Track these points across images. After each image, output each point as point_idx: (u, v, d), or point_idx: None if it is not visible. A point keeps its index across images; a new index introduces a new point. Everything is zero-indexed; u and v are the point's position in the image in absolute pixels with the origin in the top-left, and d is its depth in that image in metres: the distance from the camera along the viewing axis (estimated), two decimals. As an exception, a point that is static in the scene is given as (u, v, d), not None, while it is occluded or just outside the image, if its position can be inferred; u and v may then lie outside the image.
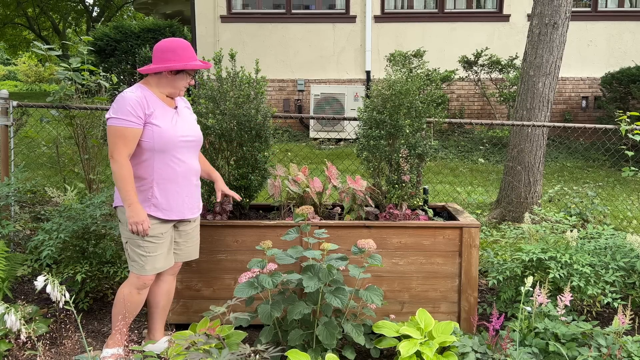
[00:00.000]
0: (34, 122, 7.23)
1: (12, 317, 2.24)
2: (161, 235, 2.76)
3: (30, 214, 4.37)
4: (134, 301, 2.80)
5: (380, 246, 3.20)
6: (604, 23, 11.00)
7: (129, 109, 2.62)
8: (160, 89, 2.79)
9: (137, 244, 2.73)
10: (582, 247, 3.47)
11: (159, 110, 2.73)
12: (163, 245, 2.79)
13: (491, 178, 7.67)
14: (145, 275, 2.77)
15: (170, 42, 2.76)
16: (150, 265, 2.76)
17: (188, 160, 2.82)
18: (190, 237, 2.98)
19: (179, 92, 2.84)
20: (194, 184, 2.88)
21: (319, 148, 9.49)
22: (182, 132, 2.78)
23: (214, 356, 2.32)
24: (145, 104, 2.68)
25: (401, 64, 3.70)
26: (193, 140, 2.85)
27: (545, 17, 5.38)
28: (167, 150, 2.71)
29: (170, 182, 2.75)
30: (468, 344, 2.76)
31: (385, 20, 11.10)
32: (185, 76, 2.80)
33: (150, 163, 2.72)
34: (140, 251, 2.73)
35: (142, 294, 2.83)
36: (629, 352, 2.64)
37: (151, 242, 2.73)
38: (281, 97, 11.21)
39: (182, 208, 2.82)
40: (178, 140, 2.75)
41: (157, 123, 2.69)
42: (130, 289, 2.80)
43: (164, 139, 2.70)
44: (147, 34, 11.23)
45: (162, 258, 2.80)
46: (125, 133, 2.62)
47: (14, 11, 21.90)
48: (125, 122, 2.61)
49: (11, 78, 27.66)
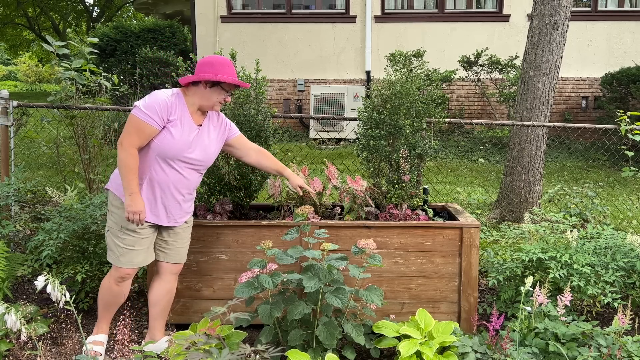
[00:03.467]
0: (34, 122, 7.24)
1: (13, 317, 2.25)
2: (140, 230, 2.78)
3: (30, 214, 4.37)
4: (113, 292, 2.88)
5: (380, 246, 3.20)
6: (604, 23, 11.00)
7: (156, 107, 2.67)
8: (195, 100, 2.81)
9: (116, 234, 2.79)
10: (582, 247, 3.47)
11: (181, 121, 2.75)
12: (143, 242, 2.81)
13: (491, 178, 7.67)
14: (122, 267, 2.81)
15: (211, 57, 2.82)
16: (126, 259, 2.79)
17: (185, 173, 2.82)
18: (180, 237, 2.97)
19: (212, 107, 2.83)
20: (180, 196, 2.85)
21: (319, 148, 9.49)
22: (191, 152, 2.79)
23: (214, 356, 2.32)
24: (173, 110, 2.72)
25: (401, 64, 3.71)
26: (197, 164, 2.85)
27: (545, 17, 5.38)
28: (169, 158, 2.75)
29: (158, 186, 2.77)
30: (468, 344, 2.76)
31: (385, 20, 11.10)
32: (220, 91, 2.80)
33: (150, 163, 2.75)
34: (117, 242, 2.79)
35: (121, 286, 2.88)
36: (629, 352, 2.64)
37: (129, 234, 2.77)
38: (281, 97, 11.21)
39: (159, 214, 2.82)
40: (182, 156, 2.77)
41: (173, 132, 2.72)
42: (110, 280, 2.87)
43: (170, 148, 2.72)
44: (147, 34, 11.23)
45: (142, 254, 2.83)
46: (143, 127, 2.66)
47: (14, 11, 21.90)
48: (148, 119, 2.66)
49: (11, 78, 27.67)
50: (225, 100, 2.85)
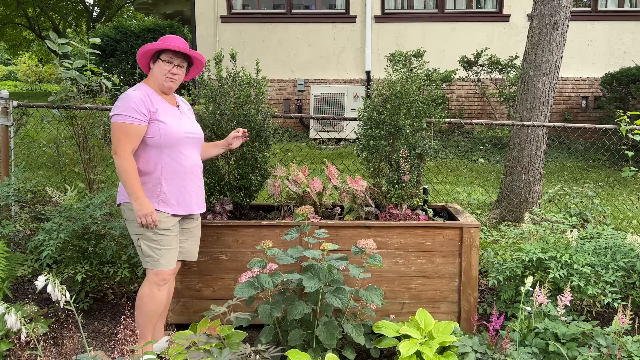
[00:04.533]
0: (34, 122, 7.24)
1: (13, 317, 2.24)
2: (172, 228, 2.79)
3: (30, 214, 4.36)
4: (156, 299, 2.79)
5: (380, 246, 3.20)
6: (604, 23, 11.00)
7: (132, 106, 2.65)
8: (153, 83, 2.82)
9: (150, 238, 2.73)
10: (582, 247, 3.47)
11: (162, 108, 2.77)
12: (175, 239, 2.82)
13: (491, 178, 7.67)
14: (163, 269, 2.78)
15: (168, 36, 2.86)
16: (166, 259, 2.77)
17: (192, 155, 2.86)
18: (193, 235, 2.99)
19: (162, 84, 2.79)
20: (199, 179, 2.92)
21: (319, 148, 9.49)
22: (187, 128, 2.83)
23: (215, 356, 2.32)
24: (149, 102, 2.71)
25: (401, 64, 3.70)
26: (196, 137, 2.90)
27: (545, 17, 5.38)
28: (174, 145, 2.75)
29: (177, 177, 2.77)
30: (468, 344, 2.76)
31: (385, 20, 11.10)
32: (161, 63, 2.77)
33: (158, 159, 2.74)
34: (154, 245, 2.74)
35: (162, 291, 2.82)
36: (629, 352, 2.64)
37: (164, 235, 2.75)
38: (281, 97, 11.21)
39: (190, 203, 2.84)
40: (183, 137, 2.79)
41: (163, 119, 2.73)
42: (150, 287, 2.79)
43: (171, 135, 2.73)
44: (147, 34, 11.23)
45: (175, 252, 2.84)
46: (128, 129, 2.64)
47: (14, 11, 21.88)
48: (129, 119, 2.64)
49: (11, 78, 27.65)
50: (171, 72, 2.78)
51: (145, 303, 2.78)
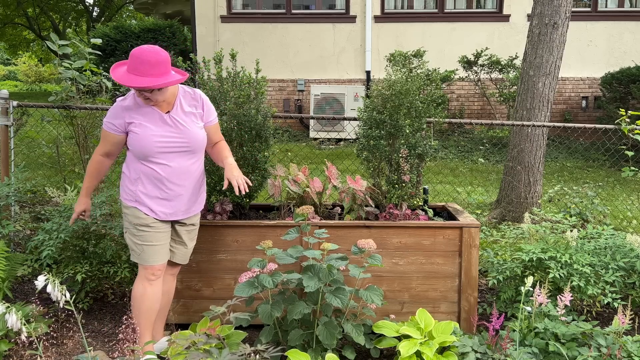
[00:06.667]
0: (34, 122, 7.23)
1: (13, 317, 2.24)
2: (153, 225, 2.78)
3: (30, 214, 4.36)
4: (148, 295, 2.80)
5: (380, 246, 3.20)
6: (604, 23, 11.00)
7: (113, 115, 2.79)
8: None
9: (132, 232, 2.82)
10: (582, 247, 3.47)
11: (144, 117, 2.74)
12: (159, 236, 2.81)
13: (491, 178, 7.67)
14: (148, 265, 2.79)
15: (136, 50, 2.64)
16: (147, 254, 2.79)
17: (174, 163, 2.77)
18: (181, 239, 2.96)
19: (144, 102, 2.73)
20: (185, 186, 2.83)
21: (319, 148, 9.49)
22: (163, 137, 2.73)
23: (214, 356, 2.32)
24: (128, 114, 2.75)
25: (401, 64, 3.71)
26: (176, 145, 2.76)
27: (545, 17, 5.39)
28: (147, 154, 2.74)
29: (152, 184, 2.78)
30: (468, 344, 2.76)
31: (385, 20, 11.10)
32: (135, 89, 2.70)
33: (137, 166, 2.80)
34: (136, 240, 2.81)
35: (154, 286, 2.82)
36: (629, 352, 2.64)
37: (143, 230, 2.78)
38: (281, 97, 11.21)
39: (167, 210, 2.82)
40: (155, 146, 2.72)
41: (137, 130, 2.74)
42: (142, 282, 2.81)
43: (139, 146, 2.74)
44: (147, 34, 11.23)
45: (164, 249, 2.84)
46: (106, 135, 2.83)
47: (14, 11, 21.88)
48: (109, 126, 2.80)
49: (11, 78, 27.66)
50: (144, 97, 2.69)
51: (138, 299, 2.81)
